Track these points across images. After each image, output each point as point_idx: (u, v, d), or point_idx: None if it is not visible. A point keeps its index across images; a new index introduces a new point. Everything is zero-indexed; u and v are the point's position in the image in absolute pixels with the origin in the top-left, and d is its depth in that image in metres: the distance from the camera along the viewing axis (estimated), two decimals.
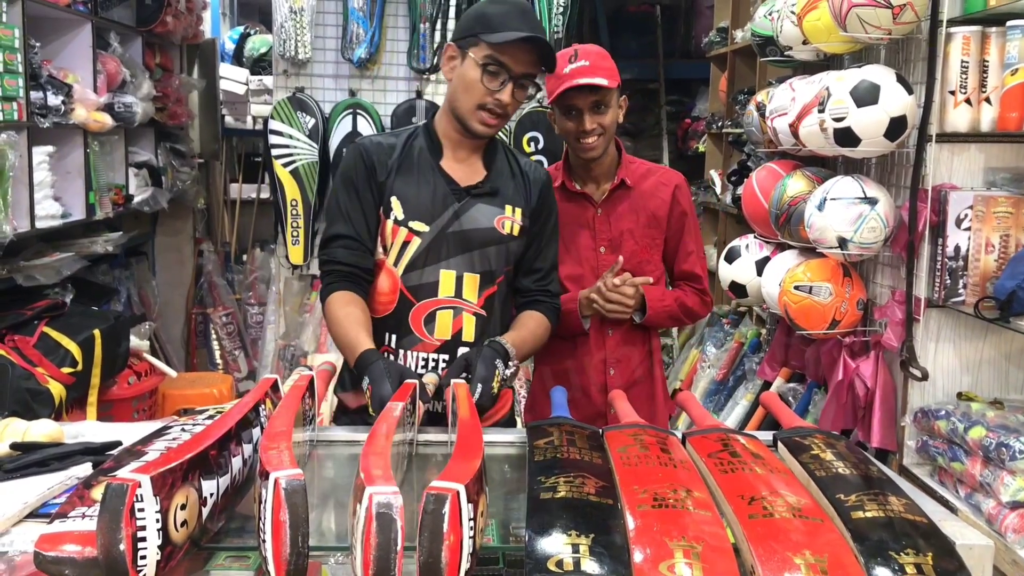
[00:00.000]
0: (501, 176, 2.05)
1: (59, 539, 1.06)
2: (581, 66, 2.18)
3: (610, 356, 2.40)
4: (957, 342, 2.62)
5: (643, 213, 2.36)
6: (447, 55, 1.99)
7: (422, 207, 1.98)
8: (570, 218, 2.34)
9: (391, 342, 2.01)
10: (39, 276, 3.51)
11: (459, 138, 2.02)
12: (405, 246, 1.98)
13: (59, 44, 3.80)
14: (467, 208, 1.99)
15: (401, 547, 0.96)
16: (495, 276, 2.04)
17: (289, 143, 4.28)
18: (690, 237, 2.42)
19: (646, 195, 2.36)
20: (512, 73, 1.91)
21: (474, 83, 1.92)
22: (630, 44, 5.57)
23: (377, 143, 2.03)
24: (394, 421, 1.28)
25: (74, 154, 3.78)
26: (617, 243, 2.35)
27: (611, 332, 2.39)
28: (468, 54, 1.93)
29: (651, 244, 2.38)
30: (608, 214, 2.36)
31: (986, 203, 2.44)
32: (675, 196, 2.38)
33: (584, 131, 2.22)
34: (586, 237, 2.36)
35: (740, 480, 1.29)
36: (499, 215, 2.01)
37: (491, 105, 1.93)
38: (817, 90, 2.71)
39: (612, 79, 2.19)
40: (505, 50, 1.89)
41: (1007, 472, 2.21)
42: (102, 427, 1.72)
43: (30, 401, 2.94)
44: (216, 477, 1.16)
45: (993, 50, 2.43)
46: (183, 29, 4.96)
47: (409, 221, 1.97)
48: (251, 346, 5.57)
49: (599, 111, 2.23)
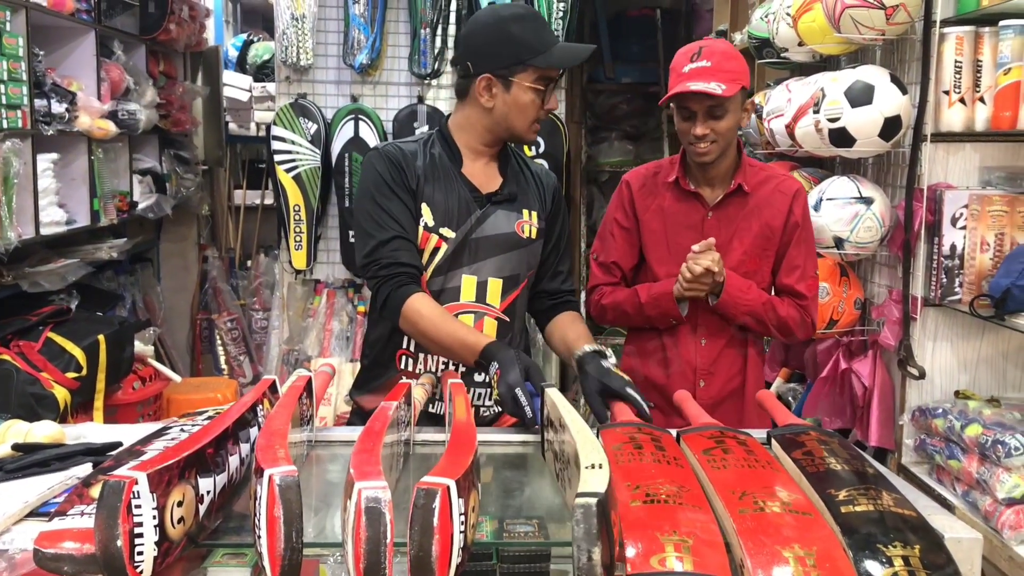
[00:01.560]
0: (517, 181, 2.09)
1: (58, 536, 1.07)
2: (700, 67, 2.05)
3: (701, 367, 2.23)
4: (954, 340, 2.63)
5: (756, 221, 2.20)
6: (482, 87, 1.96)
7: (450, 213, 1.99)
8: (678, 218, 2.22)
9: (411, 346, 2.03)
10: (44, 282, 3.54)
11: (483, 148, 2.04)
12: (435, 252, 1.99)
13: (63, 52, 3.83)
14: (488, 214, 2.02)
15: (391, 541, 0.97)
16: (518, 281, 2.07)
17: (292, 149, 4.31)
18: (798, 251, 2.22)
19: (762, 203, 2.20)
20: (554, 79, 1.97)
21: (530, 105, 1.95)
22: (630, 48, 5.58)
23: (401, 149, 2.02)
24: (387, 420, 1.29)
25: (78, 161, 3.81)
26: (725, 249, 2.17)
27: (704, 342, 2.23)
28: (514, 81, 1.94)
29: (761, 255, 2.21)
30: (719, 218, 2.21)
31: (981, 202, 2.46)
32: (792, 207, 2.20)
33: (696, 136, 2.09)
34: (692, 239, 2.16)
35: (732, 476, 1.30)
36: (518, 220, 2.05)
37: (543, 116, 1.98)
38: (812, 91, 2.73)
39: (732, 85, 2.03)
40: (554, 66, 1.95)
41: (1003, 469, 2.22)
42: (103, 428, 1.74)
43: (35, 406, 2.96)
44: (213, 475, 1.18)
45: (986, 50, 2.44)
46: (186, 37, 4.98)
47: (439, 228, 1.99)
48: (256, 351, 5.59)
49: (714, 116, 2.07)
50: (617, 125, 5.66)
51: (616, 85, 5.54)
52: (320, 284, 4.59)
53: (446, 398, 1.74)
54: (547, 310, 2.17)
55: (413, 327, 1.94)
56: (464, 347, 1.87)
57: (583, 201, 5.25)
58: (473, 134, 2.03)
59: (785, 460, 1.44)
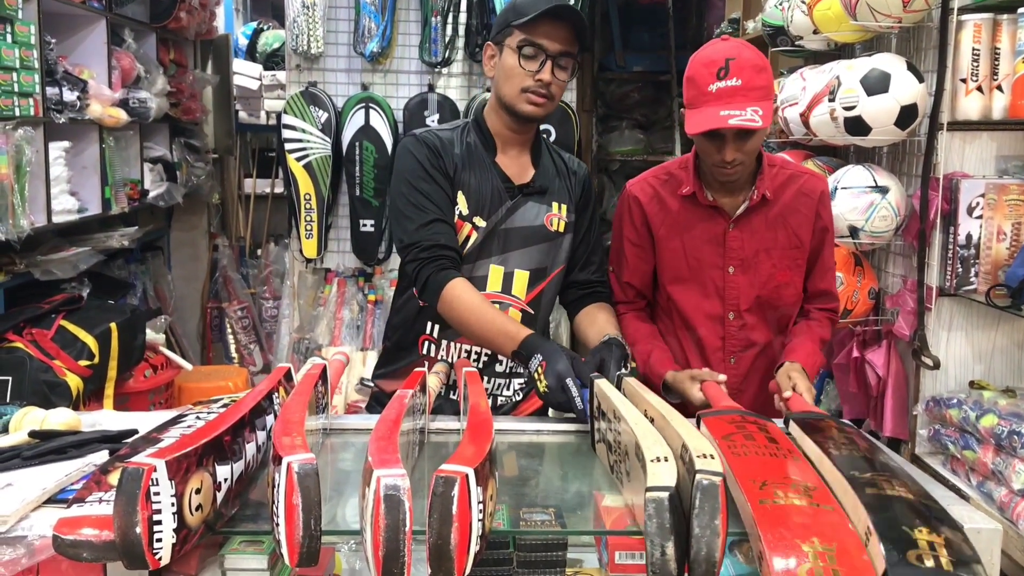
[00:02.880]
0: (548, 174, 2.07)
1: (77, 523, 1.08)
2: (730, 87, 1.82)
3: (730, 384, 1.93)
4: (969, 331, 2.62)
5: (783, 232, 2.03)
6: (487, 55, 2.00)
7: (483, 202, 1.99)
8: (696, 231, 2.04)
9: (433, 331, 2.03)
10: (56, 270, 3.55)
11: (510, 135, 2.03)
12: (466, 241, 1.99)
13: (74, 40, 3.83)
14: (519, 206, 2.01)
15: (410, 528, 0.97)
16: (545, 274, 2.06)
17: (302, 137, 4.30)
18: (829, 251, 2.10)
19: (787, 210, 2.02)
20: (548, 52, 1.92)
21: (513, 69, 1.93)
22: (642, 36, 5.56)
23: (439, 136, 2.02)
24: (403, 407, 1.29)
25: (90, 149, 3.81)
26: (751, 263, 2.02)
27: (733, 360, 2.08)
28: (504, 45, 1.95)
29: (792, 265, 2.04)
30: (741, 230, 2.02)
31: (998, 191, 2.44)
32: (819, 211, 2.05)
33: (725, 161, 1.89)
34: (713, 254, 2.03)
35: (753, 463, 1.29)
36: (548, 213, 2.04)
37: (534, 87, 1.93)
38: (827, 79, 2.71)
39: (767, 106, 1.82)
40: (537, 30, 1.90)
41: (1019, 460, 2.21)
42: (119, 416, 1.75)
43: (48, 393, 2.97)
44: (230, 463, 1.18)
45: (1004, 37, 2.42)
46: (197, 25, 4.98)
47: (473, 216, 1.98)
48: (266, 340, 5.60)
49: (744, 138, 1.86)
50: (628, 114, 5.64)
51: (627, 74, 5.52)
52: (331, 273, 4.59)
53: (460, 386, 1.74)
54: (578, 300, 2.16)
55: (451, 311, 1.90)
56: (504, 336, 1.84)
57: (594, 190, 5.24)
58: (495, 116, 2.03)
59: (805, 442, 1.43)
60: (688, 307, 2.07)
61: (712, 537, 1.04)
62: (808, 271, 2.09)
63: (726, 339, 2.07)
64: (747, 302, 2.04)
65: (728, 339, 2.07)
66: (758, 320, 2.06)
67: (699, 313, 2.07)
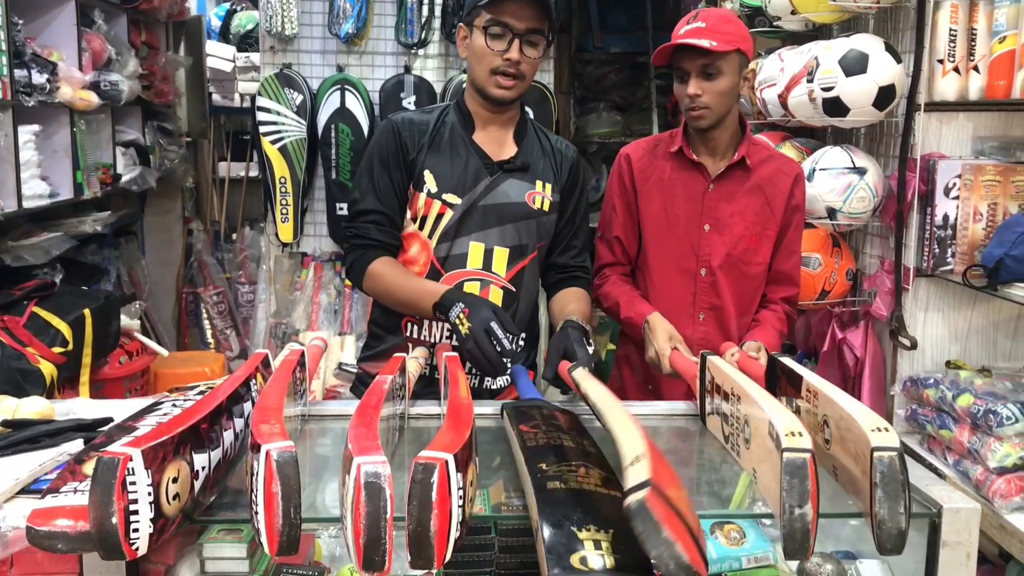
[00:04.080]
0: (532, 152, 2.08)
1: (51, 514, 1.06)
2: (695, 27, 2.04)
3: (697, 342, 2.15)
4: (946, 311, 2.63)
5: (758, 199, 2.17)
6: (460, 36, 2.03)
7: (455, 180, 2.01)
8: (678, 188, 2.18)
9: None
10: (27, 256, 3.50)
11: (488, 114, 2.05)
12: (439, 218, 2.01)
13: (43, 22, 3.76)
14: (499, 182, 2.03)
15: (391, 515, 0.96)
16: (526, 251, 2.07)
17: (277, 120, 4.25)
18: (796, 235, 2.24)
19: (764, 182, 2.17)
20: (515, 30, 1.92)
21: (482, 49, 1.95)
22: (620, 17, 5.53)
23: (410, 120, 2.06)
24: (383, 393, 1.28)
25: (60, 133, 3.75)
26: (725, 223, 2.16)
27: (702, 316, 2.21)
28: (474, 26, 1.96)
29: (761, 233, 2.18)
30: (720, 191, 2.17)
31: (974, 172, 2.45)
32: (793, 189, 2.19)
33: (689, 96, 2.06)
34: (692, 211, 2.17)
35: None
36: (530, 190, 2.05)
37: (503, 67, 1.94)
38: (806, 60, 2.71)
39: (724, 43, 2.01)
40: (503, 9, 1.91)
41: (994, 438, 2.23)
42: (93, 404, 1.72)
43: (21, 381, 2.93)
44: (208, 450, 1.17)
45: (981, 18, 2.42)
46: (168, 6, 4.90)
47: (443, 194, 2.01)
48: (242, 325, 5.56)
49: (708, 77, 2.04)
50: (606, 95, 5.62)
51: (604, 55, 5.49)
52: (307, 257, 4.55)
53: (441, 371, 1.73)
54: (556, 283, 2.18)
55: (376, 287, 2.03)
56: (426, 294, 1.91)
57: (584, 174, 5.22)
58: (472, 98, 2.05)
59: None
60: (664, 261, 2.20)
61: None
62: (775, 250, 2.21)
63: (697, 295, 2.19)
64: (718, 259, 2.16)
65: (699, 295, 2.20)
66: (727, 280, 2.18)
67: (674, 267, 2.19)
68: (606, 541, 1.00)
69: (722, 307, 2.19)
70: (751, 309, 2.23)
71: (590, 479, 1.13)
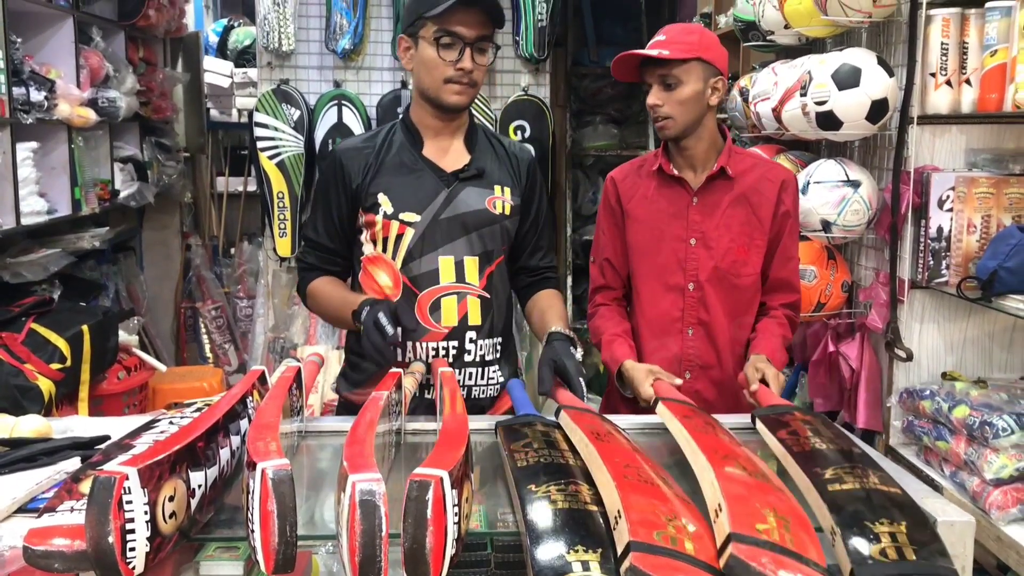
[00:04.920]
0: (485, 158, 2.07)
1: (48, 533, 1.06)
2: (655, 41, 2.07)
3: (687, 357, 2.18)
4: (941, 322, 2.64)
5: (742, 209, 2.14)
6: (402, 48, 2.01)
7: (410, 198, 1.99)
8: (662, 204, 2.17)
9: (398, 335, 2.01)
10: (26, 273, 3.51)
11: (438, 124, 2.04)
12: (399, 239, 2.00)
13: (41, 39, 3.78)
14: (457, 192, 2.01)
15: (386, 533, 0.97)
16: (492, 257, 2.06)
17: (274, 135, 4.27)
18: (791, 241, 2.20)
19: (749, 191, 2.14)
20: (466, 39, 1.92)
21: (433, 60, 1.93)
22: (615, 31, 5.56)
23: (353, 148, 2.06)
24: (378, 410, 1.28)
25: (58, 150, 3.77)
26: (711, 237, 2.14)
27: (691, 332, 2.18)
28: (419, 37, 1.95)
29: (749, 243, 2.15)
30: (704, 204, 2.15)
31: (967, 184, 2.46)
32: (780, 195, 2.16)
33: (650, 107, 2.09)
34: (677, 227, 2.15)
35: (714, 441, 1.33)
36: (489, 196, 2.04)
37: (456, 76, 1.94)
38: (799, 74, 2.72)
39: (681, 52, 2.02)
40: (452, 19, 1.91)
41: (991, 450, 2.24)
42: (90, 422, 1.73)
43: (19, 398, 2.94)
44: (204, 468, 1.17)
45: (972, 32, 2.44)
46: (166, 22, 4.93)
47: (399, 213, 1.99)
48: (241, 339, 5.56)
49: (668, 87, 2.05)
50: (602, 109, 5.64)
51: (601, 68, 5.51)
52: None
53: (436, 387, 1.74)
54: (528, 287, 2.18)
55: (315, 305, 2.12)
56: (346, 304, 1.95)
57: (568, 185, 5.24)
58: (419, 108, 2.04)
59: (770, 439, 1.45)
60: (652, 277, 2.19)
61: None
62: (769, 257, 2.18)
63: (685, 310, 2.17)
64: (706, 273, 2.14)
65: (687, 310, 2.17)
66: (716, 294, 2.15)
67: (661, 283, 2.18)
68: (595, 560, 1.01)
69: (711, 321, 2.16)
70: (745, 321, 2.21)
71: (580, 498, 1.14)
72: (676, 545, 1.01)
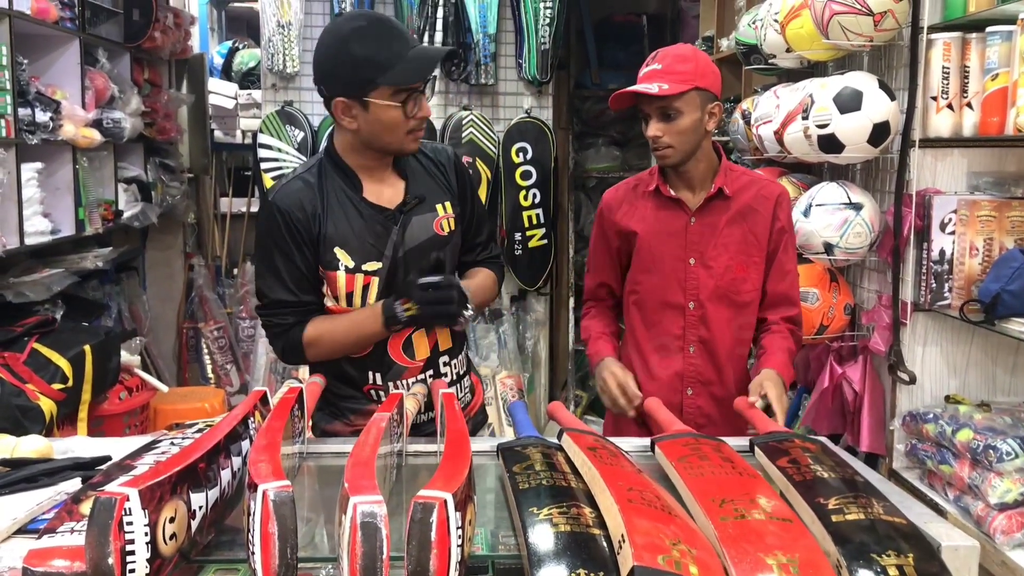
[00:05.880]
0: (418, 180, 2.00)
1: (48, 554, 1.06)
2: (651, 70, 2.07)
3: (688, 374, 2.21)
4: (944, 345, 2.64)
5: (740, 228, 2.17)
6: (339, 110, 1.87)
7: (367, 247, 1.93)
8: (661, 225, 2.18)
9: (376, 380, 2.00)
10: (29, 292, 3.51)
11: (376, 165, 1.96)
12: (366, 289, 1.94)
13: (47, 61, 3.80)
14: (405, 226, 1.95)
15: (387, 556, 0.96)
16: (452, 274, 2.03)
17: (278, 156, 4.29)
18: (787, 256, 2.22)
19: (746, 209, 2.17)
20: (420, 88, 1.87)
21: (395, 120, 1.86)
22: (617, 54, 5.59)
23: (293, 195, 1.92)
24: (380, 431, 1.28)
25: (63, 170, 3.78)
26: (710, 256, 2.16)
27: (692, 349, 2.20)
28: (370, 101, 1.84)
29: (748, 262, 2.17)
30: (702, 224, 2.16)
31: (969, 207, 2.47)
32: (776, 212, 2.18)
33: (650, 138, 2.10)
34: (675, 247, 2.17)
35: (710, 483, 1.30)
36: (434, 218, 1.99)
37: (417, 125, 1.90)
38: (801, 97, 2.74)
39: (679, 84, 2.03)
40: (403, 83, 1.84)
41: (995, 474, 2.23)
42: (91, 442, 1.72)
43: (20, 418, 2.93)
44: (205, 490, 1.17)
45: (974, 56, 2.45)
46: (171, 44, 4.96)
47: (361, 265, 1.92)
48: (243, 360, 5.56)
49: (667, 118, 2.06)
50: (604, 131, 5.67)
51: (603, 91, 5.54)
52: None
53: (437, 409, 1.73)
54: None
55: (320, 348, 1.96)
56: (366, 317, 1.91)
57: (571, 207, 5.26)
58: (358, 155, 1.94)
59: (770, 469, 1.44)
60: (653, 296, 2.21)
61: None
62: (767, 274, 2.20)
63: (686, 328, 2.19)
64: (706, 292, 2.17)
65: (688, 328, 2.19)
66: (717, 311, 2.18)
67: (662, 303, 2.20)
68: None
69: (712, 339, 2.18)
70: (745, 337, 2.22)
71: (582, 520, 1.13)
72: (680, 569, 1.00)
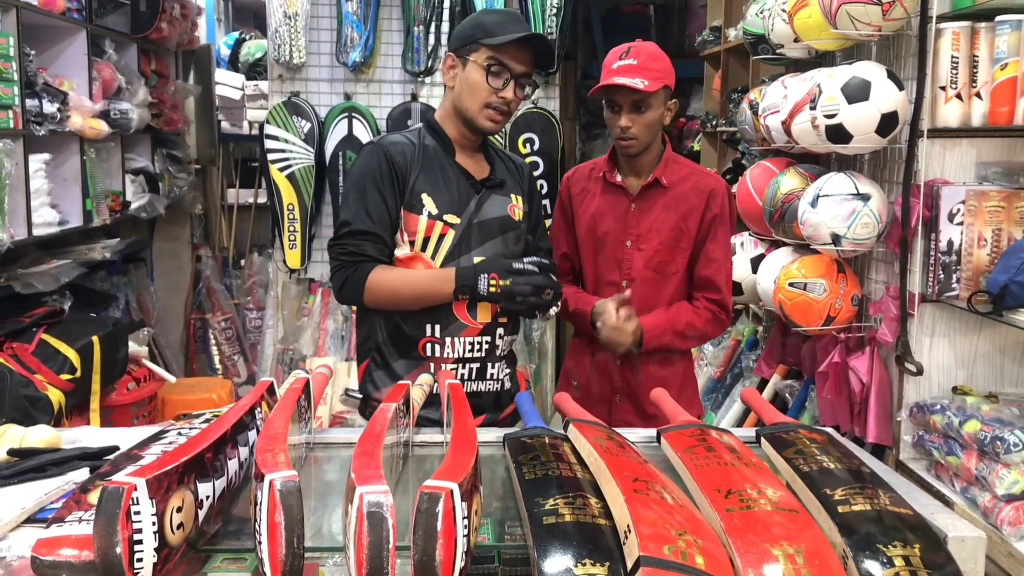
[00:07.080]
0: (501, 169, 2.22)
1: (56, 543, 1.06)
2: (627, 64, 2.21)
3: (617, 384, 2.40)
4: (951, 336, 2.63)
5: (674, 214, 2.34)
6: (447, 65, 2.11)
7: (452, 201, 2.10)
8: (606, 208, 2.38)
9: (435, 332, 2.10)
10: (37, 283, 3.52)
11: (465, 140, 2.15)
12: (442, 239, 2.09)
13: (54, 52, 3.81)
14: (485, 199, 2.14)
15: (393, 545, 0.96)
16: None
17: (285, 148, 4.29)
18: (716, 245, 2.37)
19: (680, 197, 2.34)
20: (513, 72, 2.06)
21: (479, 84, 2.05)
22: None
23: (397, 143, 2.12)
24: (386, 422, 1.28)
25: (70, 161, 3.79)
26: (644, 239, 2.35)
27: (619, 362, 2.37)
28: (469, 59, 2.06)
29: (675, 246, 2.35)
30: (641, 209, 2.36)
31: (978, 198, 2.45)
32: (708, 202, 2.34)
33: (621, 128, 2.25)
34: (617, 230, 2.37)
35: (716, 474, 1.30)
36: (509, 204, 2.18)
37: (496, 103, 2.06)
38: (809, 87, 2.72)
39: (655, 82, 2.19)
40: (505, 51, 2.04)
41: (1002, 465, 2.22)
42: (100, 432, 1.73)
43: (29, 408, 2.95)
44: (212, 480, 1.17)
45: (983, 45, 2.44)
46: (178, 35, 4.96)
47: (443, 215, 2.08)
48: (250, 351, 5.58)
49: (638, 111, 2.24)
50: None
51: None
52: (315, 283, 4.57)
53: (443, 399, 1.73)
54: None
55: (380, 293, 2.06)
56: (439, 280, 2.04)
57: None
58: (451, 124, 2.14)
59: (776, 459, 1.44)
60: (595, 275, 2.41)
61: None
62: (694, 258, 2.37)
63: None
64: (638, 272, 2.36)
65: None
66: (648, 290, 2.36)
67: (602, 280, 2.40)
68: (603, 574, 1.00)
69: (642, 312, 2.32)
70: None
71: (588, 511, 1.13)
72: (687, 560, 1.00)
